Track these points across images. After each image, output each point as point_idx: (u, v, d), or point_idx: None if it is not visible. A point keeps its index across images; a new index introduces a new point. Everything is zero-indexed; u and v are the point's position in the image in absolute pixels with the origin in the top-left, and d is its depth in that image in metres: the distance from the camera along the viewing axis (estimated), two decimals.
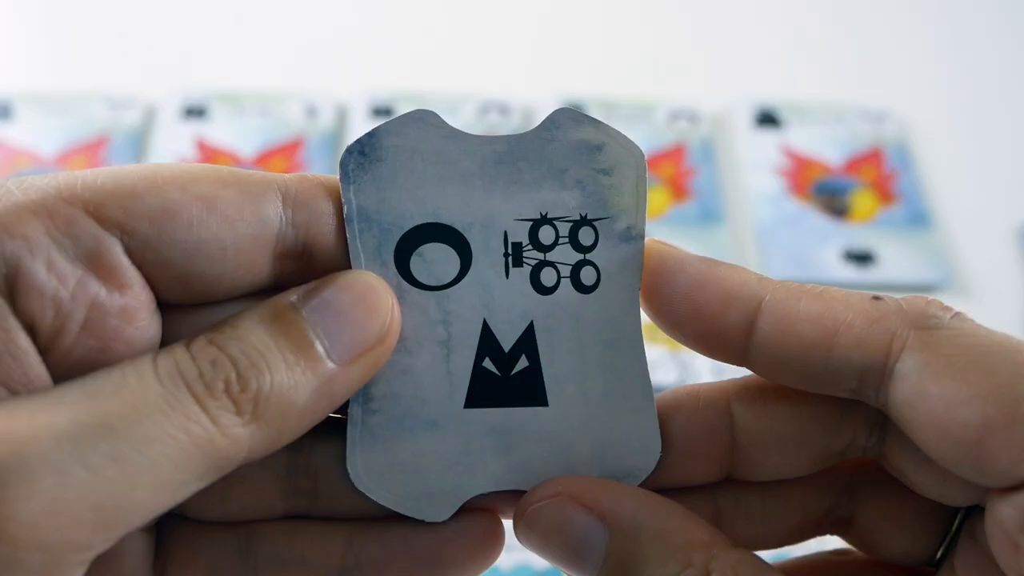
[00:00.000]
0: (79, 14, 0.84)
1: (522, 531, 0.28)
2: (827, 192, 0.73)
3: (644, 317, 0.28)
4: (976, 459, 0.25)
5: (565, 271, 0.28)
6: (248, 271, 0.27)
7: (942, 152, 0.76)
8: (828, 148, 0.75)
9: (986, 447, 0.25)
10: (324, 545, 0.28)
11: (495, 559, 0.29)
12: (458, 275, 0.28)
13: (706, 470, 0.29)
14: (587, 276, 0.28)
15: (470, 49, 0.82)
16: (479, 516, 0.29)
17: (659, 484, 0.28)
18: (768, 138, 0.76)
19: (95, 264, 0.25)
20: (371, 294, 0.26)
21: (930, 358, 0.25)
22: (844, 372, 0.26)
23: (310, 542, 0.28)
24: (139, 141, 0.74)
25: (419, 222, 0.28)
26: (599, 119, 0.28)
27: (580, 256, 0.28)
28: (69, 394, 0.24)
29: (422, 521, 0.28)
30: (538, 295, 0.28)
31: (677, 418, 0.29)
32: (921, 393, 0.25)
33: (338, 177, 0.28)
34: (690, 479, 0.29)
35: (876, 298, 0.27)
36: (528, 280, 0.28)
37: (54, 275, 0.24)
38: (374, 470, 0.28)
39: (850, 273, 0.68)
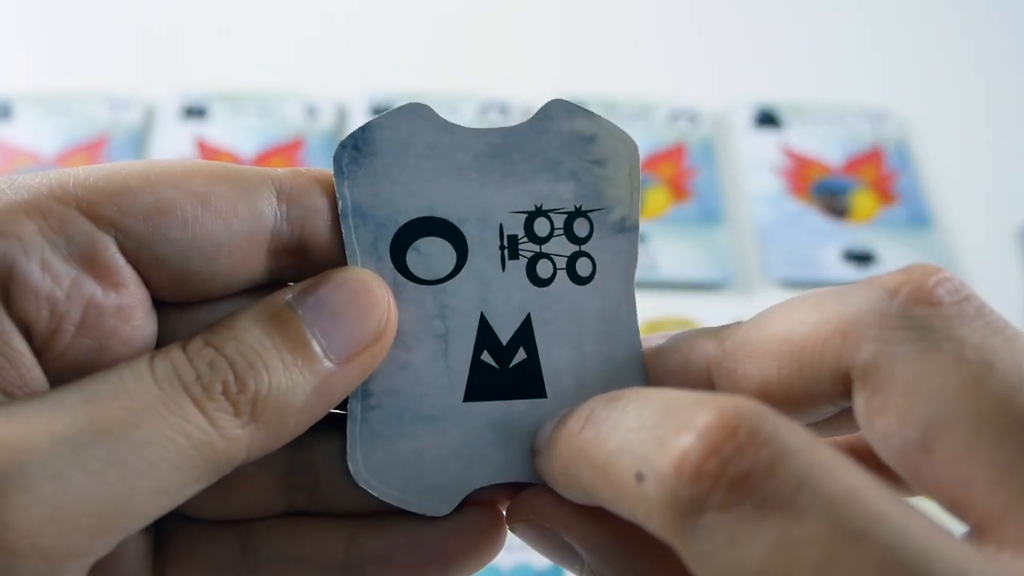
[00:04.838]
0: (78, 14, 0.84)
1: (515, 534, 0.28)
2: (827, 192, 0.72)
3: (639, 306, 0.29)
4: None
5: (561, 263, 0.28)
6: (243, 267, 0.26)
7: (942, 152, 0.76)
8: (828, 148, 0.75)
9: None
10: (326, 541, 0.28)
11: (498, 551, 0.29)
12: (454, 269, 0.28)
13: None
14: (583, 267, 0.28)
15: (470, 48, 0.82)
16: (481, 509, 0.29)
17: None
18: (768, 138, 0.76)
19: (90, 263, 0.25)
20: (367, 292, 0.26)
21: None
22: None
23: (312, 539, 0.28)
24: (139, 141, 0.74)
25: (414, 216, 0.28)
26: (592, 111, 0.28)
27: (575, 247, 0.28)
28: (66, 399, 0.23)
29: (424, 516, 0.28)
30: (534, 287, 0.28)
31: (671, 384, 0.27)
32: None
33: (332, 172, 0.27)
34: None
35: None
36: (524, 272, 0.28)
37: (48, 275, 0.24)
38: (375, 466, 0.28)
39: (850, 273, 0.67)
